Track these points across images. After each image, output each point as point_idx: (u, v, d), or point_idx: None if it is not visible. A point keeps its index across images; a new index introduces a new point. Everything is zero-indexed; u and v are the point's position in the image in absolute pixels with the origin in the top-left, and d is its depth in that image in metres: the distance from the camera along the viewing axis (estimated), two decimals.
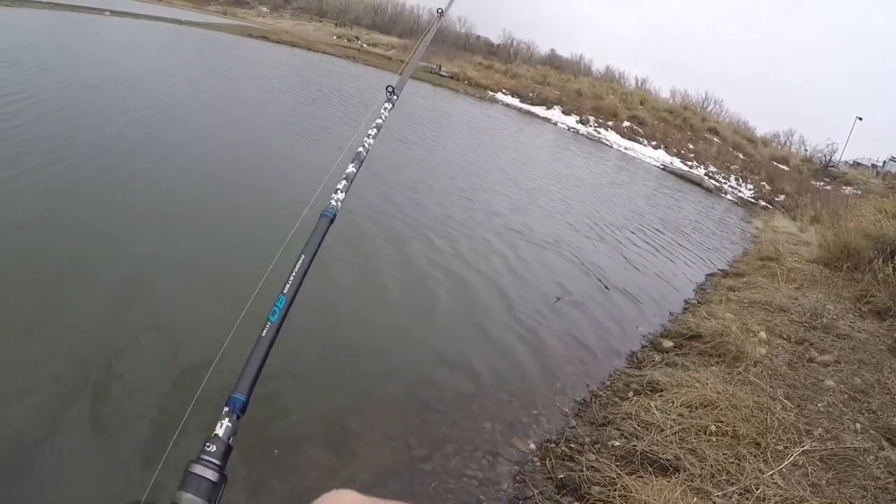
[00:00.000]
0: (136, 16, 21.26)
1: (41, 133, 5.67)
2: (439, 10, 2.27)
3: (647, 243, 8.92)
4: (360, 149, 1.35)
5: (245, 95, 11.37)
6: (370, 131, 1.43)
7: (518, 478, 2.83)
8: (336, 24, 49.77)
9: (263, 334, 0.82)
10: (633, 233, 9.31)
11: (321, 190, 1.31)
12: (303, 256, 0.96)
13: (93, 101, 7.47)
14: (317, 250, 1.00)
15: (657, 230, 10.29)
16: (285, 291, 0.89)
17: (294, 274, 0.92)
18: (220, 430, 0.67)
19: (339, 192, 1.20)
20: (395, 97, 1.61)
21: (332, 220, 1.10)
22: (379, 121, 1.50)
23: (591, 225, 8.92)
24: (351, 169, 1.27)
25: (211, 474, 0.60)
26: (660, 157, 25.51)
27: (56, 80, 8.14)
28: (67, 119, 6.45)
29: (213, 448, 0.63)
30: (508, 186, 9.81)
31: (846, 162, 34.14)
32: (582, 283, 6.05)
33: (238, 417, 0.70)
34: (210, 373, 1.05)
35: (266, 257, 1.24)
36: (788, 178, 26.58)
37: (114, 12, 20.16)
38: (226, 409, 0.70)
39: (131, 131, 6.60)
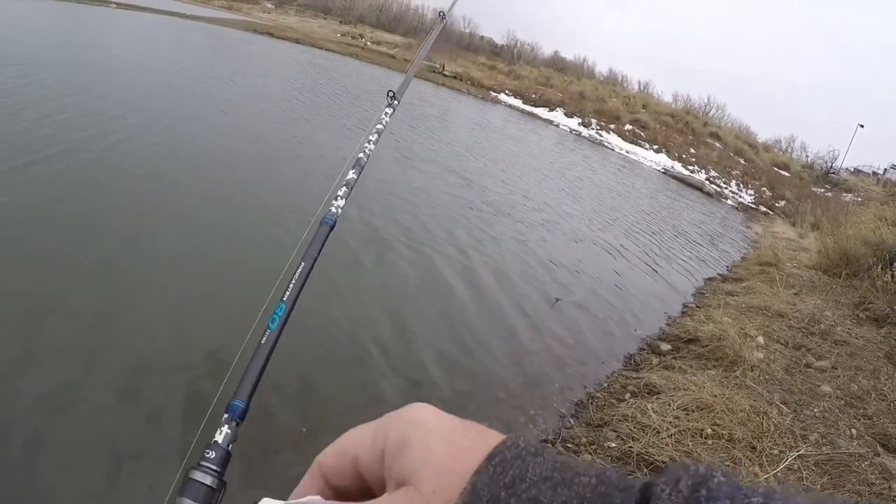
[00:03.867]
0: (140, 9, 21.25)
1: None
2: (441, 14, 2.24)
3: (647, 246, 8.92)
4: (361, 155, 1.33)
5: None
6: (371, 137, 1.41)
7: None
8: (340, 22, 49.81)
9: (263, 342, 0.81)
10: (633, 235, 9.32)
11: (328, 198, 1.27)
12: (302, 264, 0.94)
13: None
14: (316, 258, 0.98)
15: (657, 233, 10.29)
16: (285, 299, 0.88)
17: (293, 281, 0.91)
18: (219, 437, 0.67)
19: (339, 198, 1.18)
20: (396, 102, 1.58)
21: (332, 227, 1.09)
22: (380, 126, 1.47)
23: (595, 228, 8.93)
24: (352, 175, 1.25)
25: (210, 480, 0.60)
26: (661, 161, 25.51)
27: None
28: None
29: (212, 455, 0.63)
30: (505, 174, 9.84)
31: (847, 169, 34.18)
32: (581, 285, 6.05)
33: (238, 424, 0.70)
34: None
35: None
36: (789, 184, 26.61)
37: (119, 5, 20.18)
38: (225, 415, 0.70)
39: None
